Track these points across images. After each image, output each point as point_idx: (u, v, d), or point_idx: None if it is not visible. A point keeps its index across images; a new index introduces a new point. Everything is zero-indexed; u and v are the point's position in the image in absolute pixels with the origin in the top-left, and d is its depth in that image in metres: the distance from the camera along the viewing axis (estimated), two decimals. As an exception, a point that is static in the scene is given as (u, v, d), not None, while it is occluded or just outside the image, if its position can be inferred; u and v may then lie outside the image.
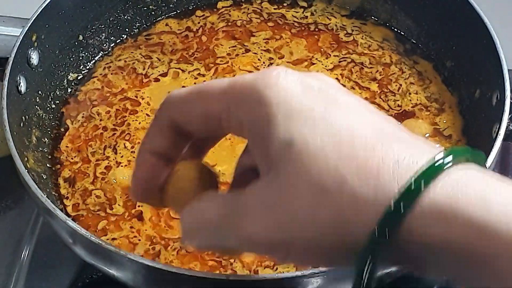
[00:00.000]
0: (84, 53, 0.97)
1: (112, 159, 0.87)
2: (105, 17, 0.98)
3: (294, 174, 0.44)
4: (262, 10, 1.03)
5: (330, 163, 0.44)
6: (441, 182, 0.44)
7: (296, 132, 0.45)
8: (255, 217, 0.45)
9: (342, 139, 0.45)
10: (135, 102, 0.92)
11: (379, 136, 0.46)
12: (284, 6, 1.03)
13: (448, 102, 0.92)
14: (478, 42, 0.87)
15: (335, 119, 0.46)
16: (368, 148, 0.45)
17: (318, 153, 0.44)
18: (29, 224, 0.92)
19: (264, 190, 0.45)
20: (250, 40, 0.99)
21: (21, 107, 0.85)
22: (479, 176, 0.45)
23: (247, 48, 0.98)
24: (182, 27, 1.01)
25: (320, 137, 0.45)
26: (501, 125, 0.78)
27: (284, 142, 0.45)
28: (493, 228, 0.42)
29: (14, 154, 0.76)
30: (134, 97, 0.93)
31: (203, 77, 0.95)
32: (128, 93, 0.93)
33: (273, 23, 1.01)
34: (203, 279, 0.68)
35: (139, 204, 0.83)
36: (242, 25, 1.01)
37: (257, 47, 0.98)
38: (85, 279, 0.88)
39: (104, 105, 0.92)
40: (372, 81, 0.94)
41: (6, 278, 0.88)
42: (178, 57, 0.97)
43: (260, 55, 0.97)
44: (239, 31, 1.00)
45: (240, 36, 0.99)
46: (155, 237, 0.80)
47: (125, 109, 0.92)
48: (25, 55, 0.87)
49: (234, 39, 0.99)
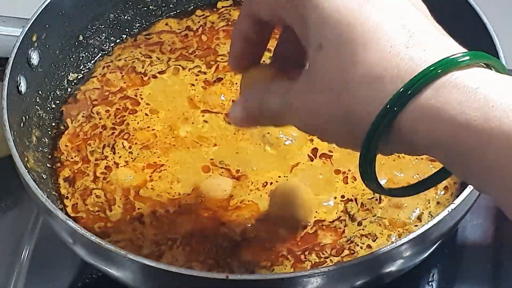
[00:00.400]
0: (84, 53, 0.97)
1: (110, 159, 0.87)
2: (105, 17, 0.98)
3: (318, 80, 0.54)
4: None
5: (343, 69, 0.52)
6: (452, 77, 0.50)
7: (325, 38, 0.53)
8: (295, 116, 0.58)
9: (366, 42, 0.52)
10: (134, 102, 0.92)
11: (401, 38, 0.52)
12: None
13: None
14: (478, 42, 0.86)
15: (365, 16, 0.52)
16: (385, 50, 0.51)
17: (335, 60, 0.53)
18: (29, 224, 0.92)
19: (300, 95, 0.57)
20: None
21: (21, 107, 0.85)
22: (489, 78, 0.50)
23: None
24: (182, 26, 1.02)
25: (339, 39, 0.52)
26: (501, 125, 0.77)
27: (315, 45, 0.54)
28: (478, 123, 0.48)
29: (14, 154, 0.77)
30: (133, 96, 0.93)
31: (204, 74, 0.95)
32: (127, 91, 0.93)
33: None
34: (203, 279, 0.68)
35: (138, 207, 0.83)
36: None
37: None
38: (85, 279, 0.88)
39: (104, 104, 0.92)
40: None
41: (6, 278, 0.88)
42: (177, 56, 0.97)
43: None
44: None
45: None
46: (160, 238, 0.81)
47: (125, 108, 0.92)
48: (25, 55, 0.87)
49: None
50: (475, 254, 0.90)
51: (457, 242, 0.90)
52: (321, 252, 0.79)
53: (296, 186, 0.83)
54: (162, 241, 0.80)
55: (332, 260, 0.78)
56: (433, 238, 0.74)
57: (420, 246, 0.73)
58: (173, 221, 0.82)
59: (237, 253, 0.79)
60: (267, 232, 0.80)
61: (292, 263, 0.78)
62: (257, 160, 0.86)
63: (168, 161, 0.86)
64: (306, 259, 0.78)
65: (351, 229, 0.80)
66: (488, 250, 0.91)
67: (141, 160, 0.87)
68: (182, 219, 0.82)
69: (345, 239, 0.80)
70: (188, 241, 0.80)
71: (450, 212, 0.72)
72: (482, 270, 0.89)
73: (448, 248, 0.88)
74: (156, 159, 0.87)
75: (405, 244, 0.70)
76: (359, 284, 0.72)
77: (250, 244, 0.79)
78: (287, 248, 0.79)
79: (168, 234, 0.81)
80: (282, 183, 0.83)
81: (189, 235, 0.80)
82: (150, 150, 0.88)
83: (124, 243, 0.80)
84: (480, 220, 0.92)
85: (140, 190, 0.84)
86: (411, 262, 0.76)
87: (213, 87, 0.93)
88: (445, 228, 0.74)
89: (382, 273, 0.73)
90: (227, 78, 0.94)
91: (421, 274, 0.87)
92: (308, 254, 0.78)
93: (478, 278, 0.88)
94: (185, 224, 0.81)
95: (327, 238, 0.80)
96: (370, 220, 0.81)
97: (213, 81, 0.94)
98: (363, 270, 0.70)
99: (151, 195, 0.84)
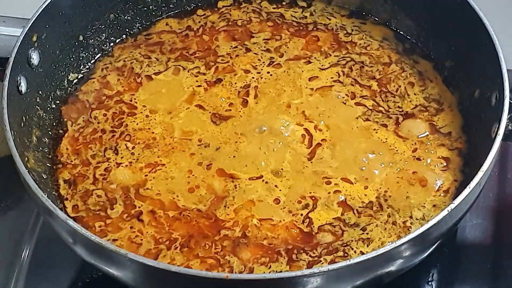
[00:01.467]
0: (84, 53, 0.97)
1: (112, 160, 0.87)
2: (105, 17, 0.98)
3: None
4: (262, 9, 1.03)
5: None
6: None
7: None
8: None
9: None
10: (131, 106, 0.92)
11: None
12: (283, 5, 1.03)
13: (448, 102, 0.92)
14: (477, 42, 0.87)
15: None
16: None
17: None
18: (29, 224, 0.92)
19: None
20: (250, 41, 0.99)
21: (21, 107, 0.85)
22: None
23: (248, 48, 0.98)
24: (182, 26, 1.02)
25: None
26: (500, 125, 0.78)
27: None
28: None
29: (15, 154, 0.77)
30: (129, 101, 0.93)
31: (203, 75, 0.95)
32: (124, 96, 0.93)
33: (272, 22, 1.01)
34: (203, 278, 0.68)
35: (138, 205, 0.83)
36: (242, 25, 1.01)
37: (257, 47, 0.98)
38: (85, 279, 0.88)
39: (101, 108, 0.92)
40: (372, 80, 0.94)
41: (6, 278, 0.88)
42: (176, 56, 0.97)
43: (261, 55, 0.97)
44: (239, 31, 1.00)
45: (240, 37, 0.99)
46: (161, 237, 0.81)
47: (121, 112, 0.92)
48: (25, 55, 0.87)
49: (235, 40, 0.99)
50: (475, 254, 0.90)
51: (457, 242, 0.91)
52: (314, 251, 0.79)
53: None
54: (161, 240, 0.80)
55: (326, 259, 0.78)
56: (432, 238, 0.74)
57: (420, 246, 0.73)
58: (174, 221, 0.82)
59: (237, 251, 0.79)
60: (267, 230, 0.81)
61: (286, 260, 0.79)
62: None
63: (169, 163, 0.87)
64: (298, 258, 0.79)
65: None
66: (488, 250, 0.91)
67: (142, 160, 0.87)
68: (183, 219, 0.82)
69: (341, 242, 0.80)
70: (188, 240, 0.80)
71: (450, 212, 0.72)
72: (481, 270, 0.89)
73: (448, 248, 0.88)
74: (156, 159, 0.87)
75: (405, 244, 0.70)
76: (359, 284, 0.72)
77: (250, 242, 0.80)
78: (286, 246, 0.79)
79: (168, 233, 0.81)
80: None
81: (189, 234, 0.81)
82: (150, 150, 0.88)
83: (123, 242, 0.80)
84: (480, 220, 0.92)
85: (140, 189, 0.84)
86: (411, 262, 0.76)
87: (213, 88, 0.93)
88: (445, 228, 0.74)
89: (382, 273, 0.73)
90: (227, 79, 0.95)
91: (421, 274, 0.87)
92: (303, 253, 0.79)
93: (478, 278, 0.88)
94: (186, 224, 0.81)
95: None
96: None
97: (213, 82, 0.94)
98: (363, 270, 0.70)
99: (150, 195, 0.84)
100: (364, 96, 0.92)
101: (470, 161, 0.86)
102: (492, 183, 0.94)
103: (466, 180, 0.83)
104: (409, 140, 0.88)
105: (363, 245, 0.80)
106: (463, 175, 0.85)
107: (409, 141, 0.88)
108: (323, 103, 0.92)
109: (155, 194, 0.84)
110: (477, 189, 0.75)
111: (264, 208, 0.82)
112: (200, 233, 0.81)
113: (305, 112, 0.91)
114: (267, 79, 0.94)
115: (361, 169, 0.85)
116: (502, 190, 0.95)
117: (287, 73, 0.95)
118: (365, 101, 0.92)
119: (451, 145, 0.88)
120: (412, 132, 0.89)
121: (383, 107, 0.91)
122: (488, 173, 0.76)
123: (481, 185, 0.76)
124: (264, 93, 0.93)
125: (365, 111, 0.91)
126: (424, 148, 0.88)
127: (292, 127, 0.89)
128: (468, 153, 0.87)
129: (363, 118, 0.90)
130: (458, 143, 0.88)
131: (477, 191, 0.76)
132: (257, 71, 0.95)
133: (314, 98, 0.92)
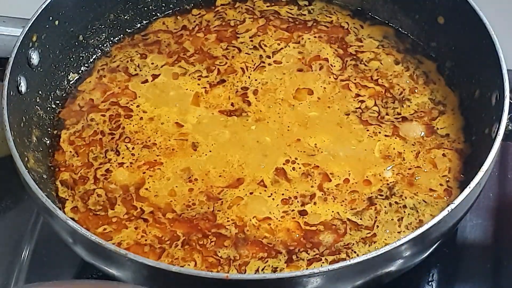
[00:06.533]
0: (84, 53, 0.97)
1: (113, 161, 0.87)
2: (105, 17, 0.98)
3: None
4: (255, 8, 1.03)
5: None
6: None
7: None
8: None
9: None
10: (127, 108, 0.92)
11: None
12: (278, 2, 1.03)
13: (450, 103, 0.92)
14: (478, 42, 0.87)
15: None
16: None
17: None
18: (29, 224, 0.92)
19: None
20: (238, 40, 0.99)
21: (21, 107, 0.85)
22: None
23: (239, 48, 0.98)
24: (178, 26, 1.01)
25: None
26: (500, 125, 0.78)
27: None
28: None
29: (15, 154, 0.77)
30: (125, 104, 0.93)
31: (206, 77, 0.95)
32: (121, 99, 0.93)
33: (266, 20, 1.01)
34: (203, 278, 0.68)
35: (139, 206, 0.83)
36: (235, 25, 1.01)
37: (245, 46, 0.98)
38: (85, 279, 0.88)
39: (98, 111, 0.92)
40: (372, 80, 0.94)
41: (6, 278, 0.88)
42: (174, 60, 0.97)
43: (251, 55, 0.97)
44: (229, 31, 1.00)
45: (227, 39, 0.99)
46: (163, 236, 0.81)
47: (118, 114, 0.92)
48: (25, 55, 0.87)
49: (222, 42, 0.99)
50: (475, 254, 0.90)
51: (457, 242, 0.91)
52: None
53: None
54: (163, 239, 0.80)
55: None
56: (432, 238, 0.74)
57: (420, 246, 0.73)
58: (173, 221, 0.82)
59: (237, 250, 0.79)
60: (266, 229, 0.81)
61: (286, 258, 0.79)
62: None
63: (167, 162, 0.87)
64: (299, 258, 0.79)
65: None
66: (488, 250, 0.91)
67: (141, 159, 0.87)
68: (183, 219, 0.82)
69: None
70: (188, 239, 0.80)
71: (450, 212, 0.72)
72: (481, 270, 0.89)
73: (448, 248, 0.88)
74: (155, 158, 0.87)
75: (405, 244, 0.70)
76: (359, 284, 0.72)
77: (249, 240, 0.80)
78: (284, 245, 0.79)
79: (169, 232, 0.81)
80: None
81: (189, 234, 0.81)
82: (149, 150, 0.88)
83: (126, 241, 0.80)
84: (480, 220, 0.92)
85: (140, 188, 0.85)
86: (411, 262, 0.76)
87: (215, 90, 0.93)
88: (445, 228, 0.74)
89: (382, 273, 0.73)
90: (230, 80, 0.95)
91: (421, 274, 0.87)
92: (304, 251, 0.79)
93: (478, 278, 0.88)
94: (185, 224, 0.81)
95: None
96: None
97: (216, 83, 0.94)
98: (363, 270, 0.70)
99: (150, 195, 0.84)
100: (363, 95, 0.93)
101: (470, 161, 0.86)
102: (492, 183, 0.94)
103: (466, 180, 0.83)
104: (409, 141, 0.88)
105: (364, 245, 0.80)
106: (463, 175, 0.85)
107: (409, 142, 0.88)
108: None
109: (153, 195, 0.84)
110: (477, 189, 0.75)
111: (260, 205, 0.83)
112: (199, 232, 0.81)
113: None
114: (266, 80, 0.95)
115: (362, 168, 0.85)
116: (502, 190, 0.95)
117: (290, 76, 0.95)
118: (366, 101, 0.92)
119: (451, 145, 0.88)
120: (412, 133, 0.89)
121: (381, 112, 0.91)
122: (488, 173, 0.76)
123: (481, 185, 0.76)
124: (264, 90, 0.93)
125: (365, 110, 0.91)
126: (424, 148, 0.88)
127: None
128: (468, 153, 0.87)
129: (363, 118, 0.90)
130: (458, 143, 0.88)
131: (477, 191, 0.76)
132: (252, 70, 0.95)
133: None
